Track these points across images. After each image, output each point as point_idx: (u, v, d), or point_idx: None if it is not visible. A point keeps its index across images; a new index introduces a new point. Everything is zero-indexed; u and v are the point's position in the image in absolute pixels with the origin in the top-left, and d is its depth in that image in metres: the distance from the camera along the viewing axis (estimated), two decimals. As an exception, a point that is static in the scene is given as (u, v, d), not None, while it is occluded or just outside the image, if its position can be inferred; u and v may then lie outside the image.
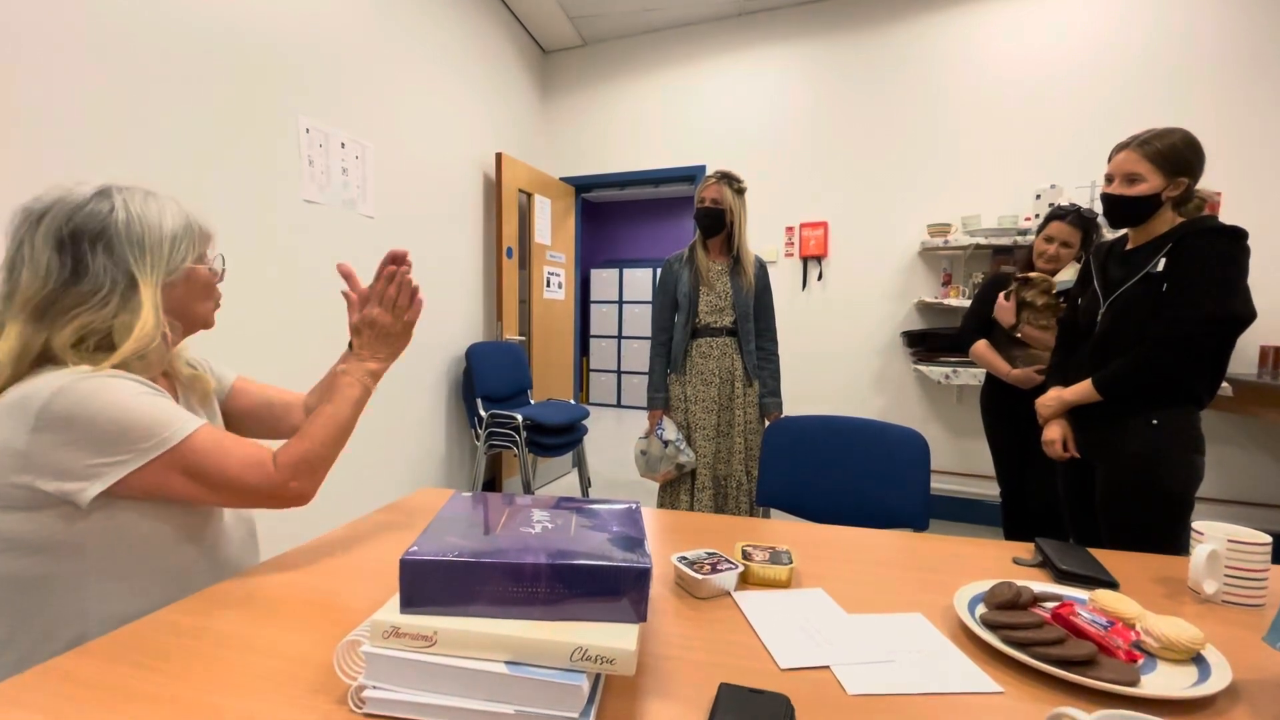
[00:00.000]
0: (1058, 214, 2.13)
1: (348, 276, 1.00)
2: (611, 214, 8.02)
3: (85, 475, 0.72)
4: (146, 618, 0.72)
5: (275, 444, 0.89)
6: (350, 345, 1.01)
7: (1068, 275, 2.08)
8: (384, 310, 0.97)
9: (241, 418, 1.08)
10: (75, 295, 0.77)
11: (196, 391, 0.98)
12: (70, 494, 0.72)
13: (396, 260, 0.96)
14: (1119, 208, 1.44)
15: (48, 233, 0.77)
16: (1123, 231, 1.54)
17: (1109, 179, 1.45)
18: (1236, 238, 1.34)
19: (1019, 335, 2.15)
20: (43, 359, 0.77)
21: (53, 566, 0.74)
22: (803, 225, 3.64)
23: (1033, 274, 2.12)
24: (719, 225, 2.24)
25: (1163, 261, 1.38)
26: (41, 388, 0.72)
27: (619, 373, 7.38)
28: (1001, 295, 2.22)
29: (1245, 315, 1.31)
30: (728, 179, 2.23)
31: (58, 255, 0.77)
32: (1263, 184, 2.79)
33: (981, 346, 2.27)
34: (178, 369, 0.96)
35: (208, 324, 0.94)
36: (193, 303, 0.89)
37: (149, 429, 0.76)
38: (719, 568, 0.85)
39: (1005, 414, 2.26)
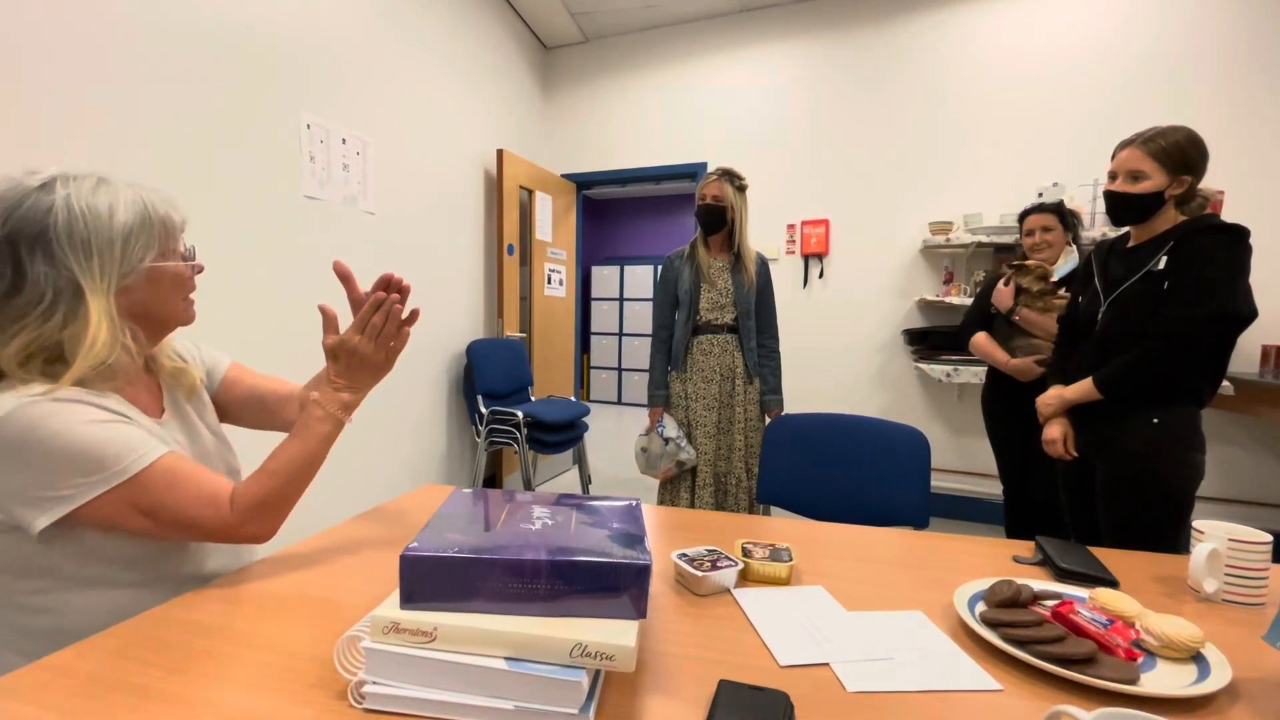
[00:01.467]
0: (1026, 211, 2.21)
1: (345, 279, 0.88)
2: (612, 211, 8.01)
3: (33, 505, 0.68)
4: (146, 613, 0.72)
5: (268, 445, 0.86)
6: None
7: (1064, 263, 2.11)
8: (366, 339, 0.86)
9: (233, 409, 1.03)
10: (14, 308, 0.70)
11: (183, 385, 0.92)
12: (20, 523, 0.68)
13: (389, 286, 0.87)
14: (1122, 205, 1.43)
15: None
16: (1124, 230, 1.54)
17: (1112, 176, 1.45)
18: (1239, 236, 1.33)
19: (1016, 320, 2.18)
20: None
21: (25, 584, 0.72)
22: (804, 223, 3.63)
23: (1029, 261, 2.17)
24: (720, 223, 2.23)
25: (1164, 259, 1.38)
26: None
27: (619, 370, 7.38)
28: (1001, 281, 2.25)
29: (1247, 314, 1.31)
30: (729, 176, 2.22)
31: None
32: (1265, 183, 2.79)
33: (981, 339, 2.29)
34: (160, 363, 0.90)
35: (184, 321, 0.86)
36: (159, 303, 0.81)
37: (98, 461, 0.69)
38: (719, 565, 0.85)
39: (1006, 412, 2.26)
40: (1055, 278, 2.11)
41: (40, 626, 0.73)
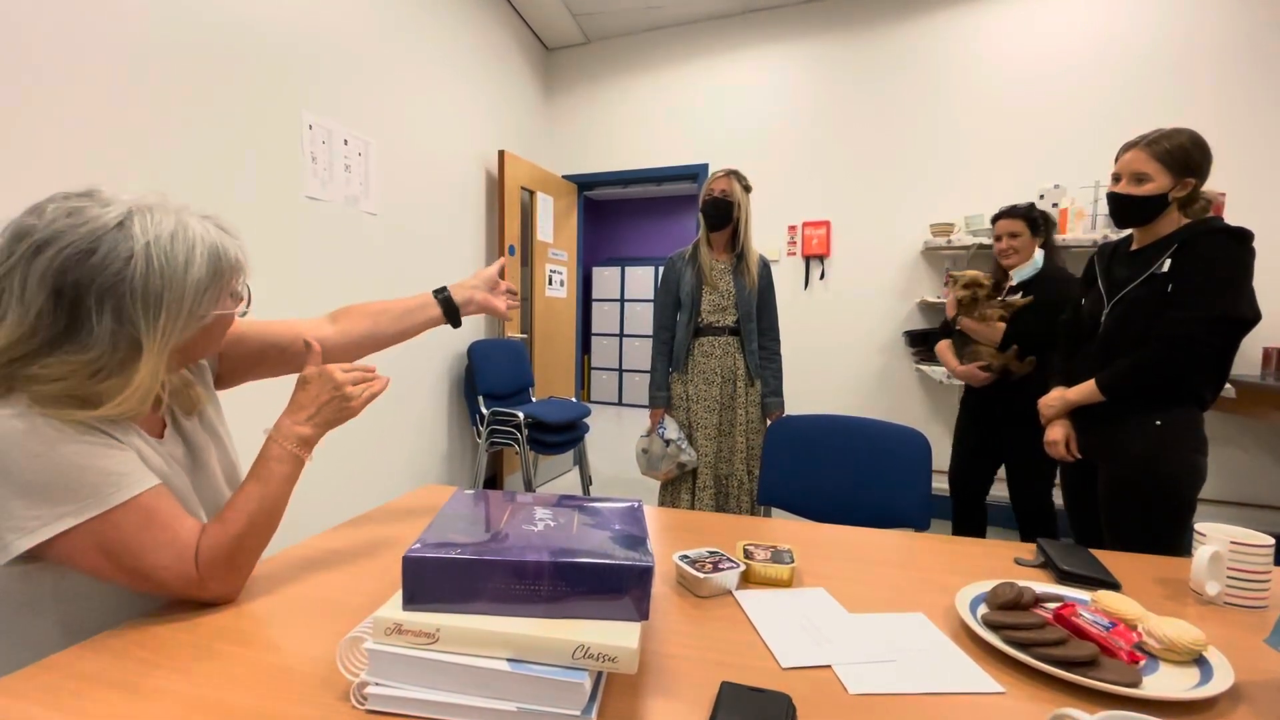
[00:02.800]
0: (997, 215, 2.24)
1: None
2: (614, 212, 8.01)
3: (7, 529, 0.62)
4: (146, 613, 0.72)
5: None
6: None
7: (1025, 268, 2.17)
8: (350, 382, 0.84)
9: (245, 365, 0.96)
10: (64, 350, 0.64)
11: (184, 401, 0.85)
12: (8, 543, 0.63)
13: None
14: (1126, 207, 1.43)
15: (47, 271, 0.63)
16: (1127, 232, 1.54)
17: (1116, 178, 1.45)
18: (1242, 239, 1.33)
19: (959, 328, 2.27)
20: None
21: (13, 619, 0.70)
22: (805, 224, 3.63)
23: (968, 271, 2.25)
24: (726, 218, 2.23)
25: (1168, 262, 1.38)
26: None
27: (620, 371, 7.38)
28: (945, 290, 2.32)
29: (1250, 316, 1.31)
30: (737, 175, 2.23)
31: (52, 303, 0.63)
32: (1266, 185, 2.78)
33: (942, 345, 2.40)
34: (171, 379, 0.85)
35: (213, 354, 0.85)
36: (207, 346, 0.79)
37: (71, 490, 0.64)
38: (720, 566, 0.85)
39: (975, 413, 2.34)
40: (1014, 282, 2.17)
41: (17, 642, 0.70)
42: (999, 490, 3.31)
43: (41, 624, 0.70)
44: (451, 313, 1.11)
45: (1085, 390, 1.48)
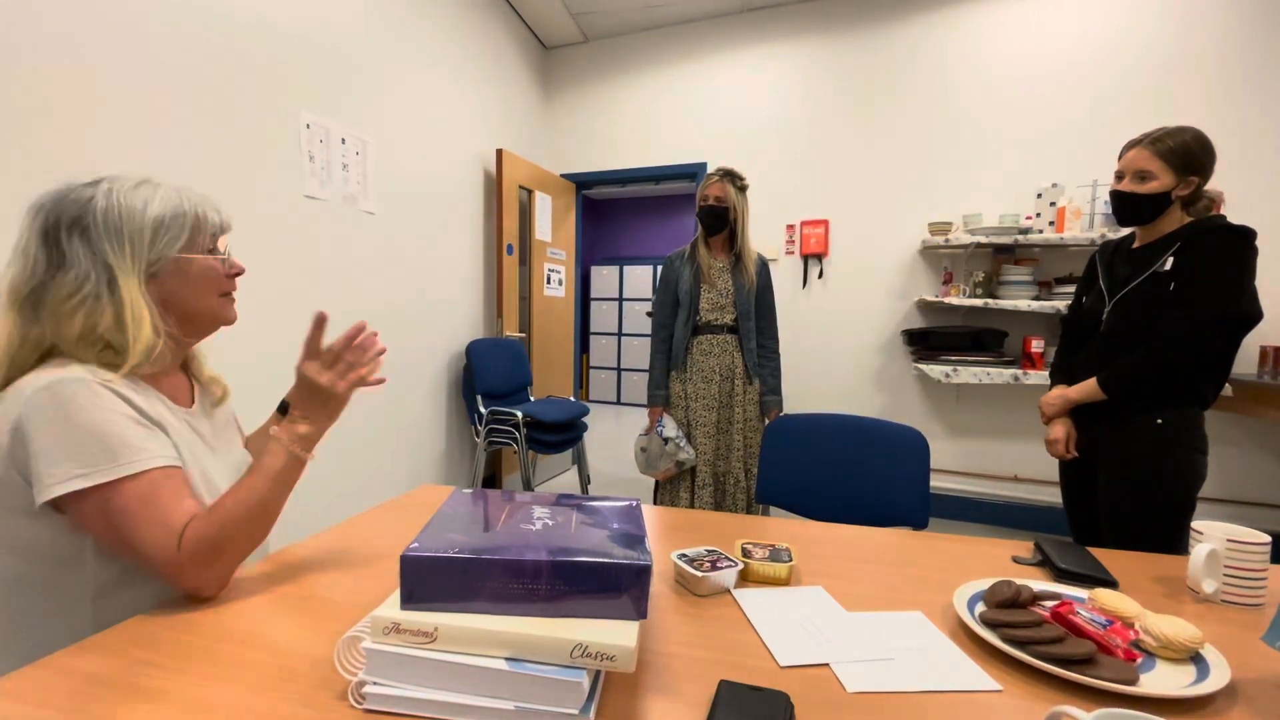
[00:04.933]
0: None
1: (318, 325, 0.86)
2: (612, 211, 8.01)
3: (40, 480, 0.69)
4: (146, 613, 0.72)
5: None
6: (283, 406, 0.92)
7: None
8: (329, 371, 0.84)
9: None
10: (62, 286, 0.74)
11: (214, 393, 0.95)
12: (31, 485, 0.70)
13: (359, 333, 0.87)
14: (1129, 205, 1.43)
15: (38, 224, 0.76)
16: (1127, 230, 1.54)
17: (1119, 176, 1.45)
18: (1245, 237, 1.33)
19: None
20: (51, 354, 0.75)
21: (52, 572, 0.74)
22: (804, 223, 3.63)
23: None
24: (722, 223, 2.23)
25: (1170, 260, 1.38)
26: (30, 384, 0.71)
27: (619, 370, 7.38)
28: None
29: (1253, 315, 1.31)
30: (731, 176, 2.22)
31: (43, 245, 0.75)
32: (1265, 183, 2.79)
33: None
34: (197, 368, 0.93)
35: (220, 319, 0.87)
36: (191, 295, 0.82)
37: (97, 454, 0.70)
38: (719, 565, 0.85)
39: None
40: None
41: (51, 622, 0.74)
42: (985, 487, 3.33)
43: (78, 580, 0.74)
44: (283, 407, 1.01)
45: (1086, 388, 1.48)
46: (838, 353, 3.61)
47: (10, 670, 0.60)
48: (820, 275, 3.64)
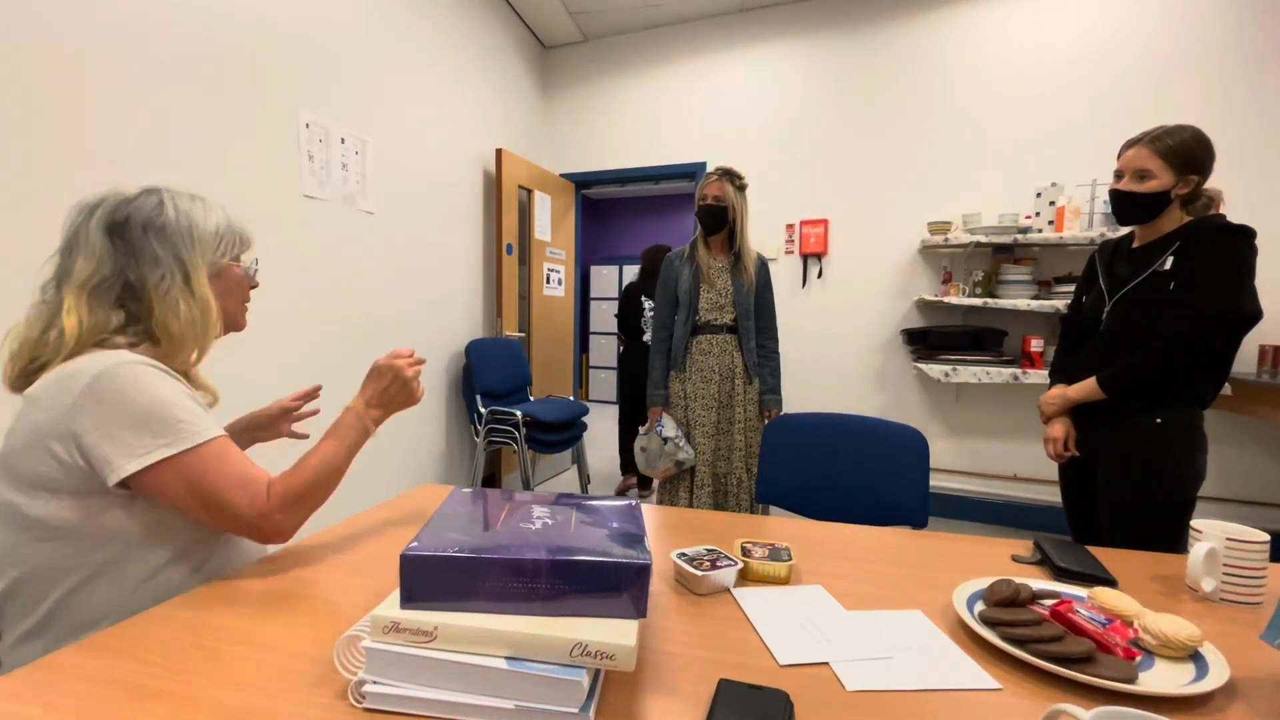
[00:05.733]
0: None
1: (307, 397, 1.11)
2: (611, 210, 8.00)
3: (117, 455, 0.73)
4: (147, 612, 0.72)
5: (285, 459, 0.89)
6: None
7: None
8: (413, 373, 0.99)
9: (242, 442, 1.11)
10: (135, 277, 0.81)
11: (207, 399, 0.98)
12: (97, 474, 0.74)
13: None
14: (1128, 204, 1.43)
15: (100, 221, 0.82)
16: (1126, 229, 1.54)
17: (1118, 175, 1.44)
18: (1245, 236, 1.33)
19: None
20: (99, 342, 0.80)
21: (81, 557, 0.75)
22: (803, 222, 3.64)
23: None
24: (721, 223, 2.23)
25: (1170, 259, 1.37)
26: (90, 366, 0.74)
27: (618, 369, 7.38)
28: None
29: (1253, 314, 1.31)
30: (730, 176, 2.22)
31: (109, 240, 0.81)
32: (1264, 182, 2.79)
33: None
34: (194, 374, 0.96)
35: (235, 325, 0.96)
36: (226, 300, 0.92)
37: (171, 425, 0.77)
38: (718, 564, 0.85)
39: None
40: None
41: (79, 610, 0.76)
42: (985, 486, 3.33)
43: (163, 554, 0.81)
44: None
45: (1086, 388, 1.48)
46: (837, 352, 3.61)
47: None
48: (819, 275, 3.64)
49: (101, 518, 0.76)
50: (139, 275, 0.82)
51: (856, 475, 1.54)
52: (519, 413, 3.07)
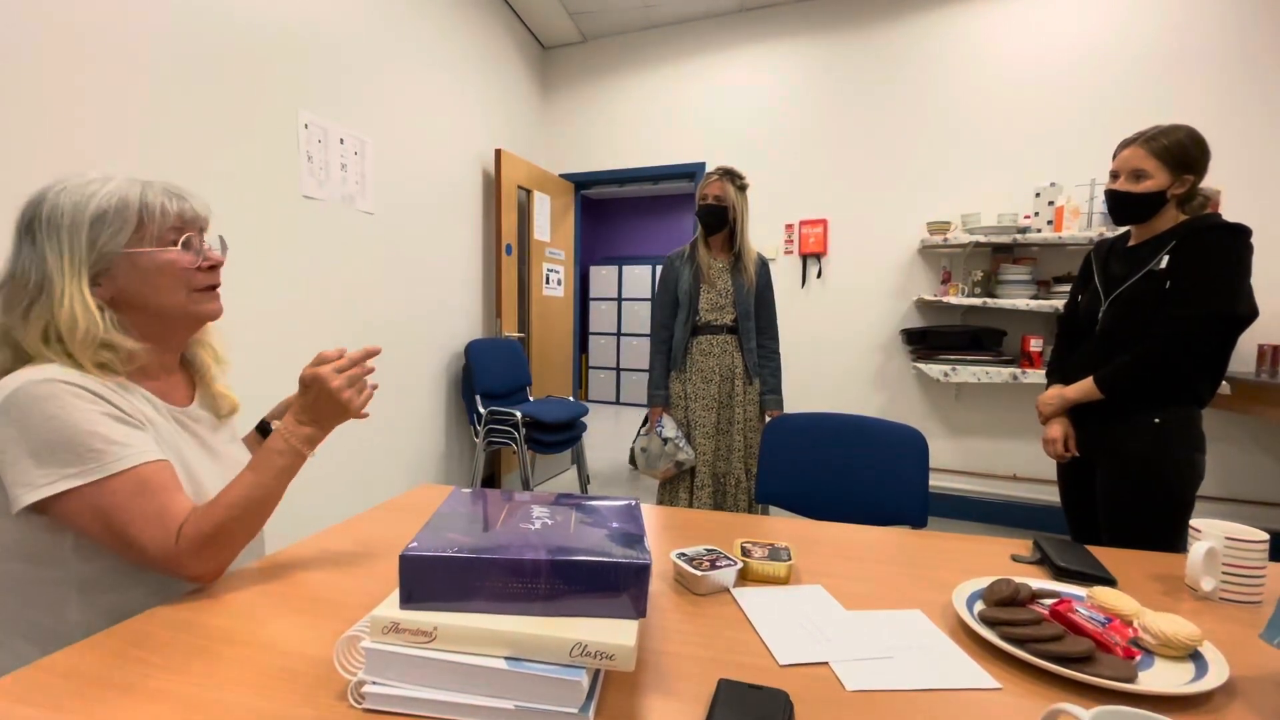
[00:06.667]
0: None
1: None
2: (611, 211, 8.01)
3: (19, 484, 0.69)
4: (147, 613, 0.72)
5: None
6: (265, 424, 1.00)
7: None
8: (345, 380, 0.81)
9: None
10: (17, 288, 0.74)
11: (222, 406, 0.94)
12: (12, 499, 0.69)
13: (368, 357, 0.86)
14: (1124, 204, 1.43)
15: (17, 222, 0.77)
16: (1123, 229, 1.54)
17: (1114, 175, 1.45)
18: (1241, 235, 1.33)
19: None
20: (26, 357, 0.75)
21: (36, 572, 0.73)
22: (802, 222, 3.64)
23: None
24: (721, 223, 2.23)
25: (1166, 259, 1.38)
26: (7, 384, 0.70)
27: (618, 370, 7.38)
28: None
29: (1249, 313, 1.31)
30: (730, 175, 2.22)
31: (14, 248, 0.76)
32: (1262, 181, 2.79)
33: None
34: (202, 375, 0.92)
35: (195, 316, 0.84)
36: (150, 293, 0.79)
37: (79, 455, 0.69)
38: (718, 564, 0.85)
39: None
40: None
41: (47, 622, 0.74)
42: (984, 486, 3.33)
43: (58, 575, 0.74)
44: (263, 427, 1.07)
45: (1083, 388, 1.48)
46: (836, 352, 3.61)
47: None
48: (819, 275, 3.64)
49: (41, 536, 0.72)
50: (14, 284, 0.74)
51: (856, 475, 1.54)
52: (518, 413, 3.07)
